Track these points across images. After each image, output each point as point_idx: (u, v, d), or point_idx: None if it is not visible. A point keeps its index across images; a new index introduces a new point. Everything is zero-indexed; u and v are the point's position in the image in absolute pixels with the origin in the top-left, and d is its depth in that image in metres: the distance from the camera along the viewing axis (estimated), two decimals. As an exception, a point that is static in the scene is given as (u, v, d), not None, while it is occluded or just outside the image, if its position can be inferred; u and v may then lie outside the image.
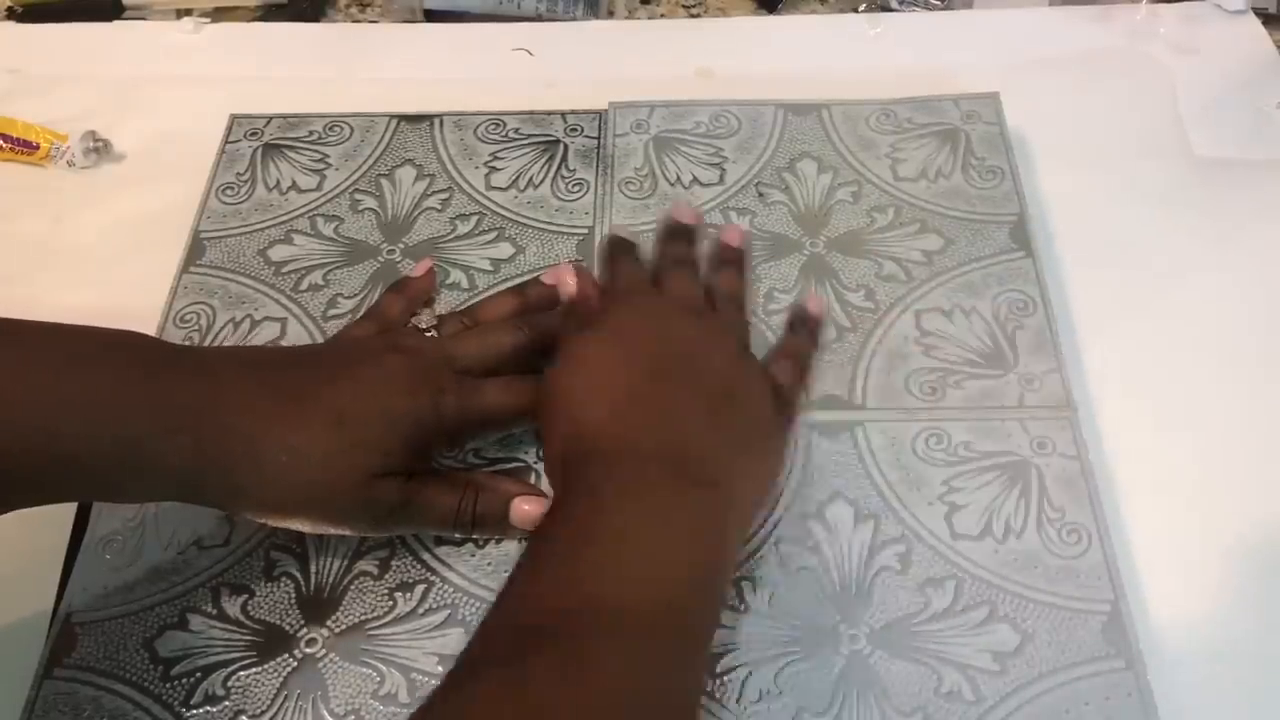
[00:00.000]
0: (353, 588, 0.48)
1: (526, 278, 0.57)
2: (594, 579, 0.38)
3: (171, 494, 0.44)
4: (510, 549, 0.49)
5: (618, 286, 0.52)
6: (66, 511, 0.51)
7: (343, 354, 0.49)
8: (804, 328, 0.53)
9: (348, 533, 0.47)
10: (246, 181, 0.63)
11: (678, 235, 0.54)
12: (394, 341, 0.50)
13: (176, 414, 0.42)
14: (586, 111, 0.65)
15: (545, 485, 0.50)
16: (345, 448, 0.44)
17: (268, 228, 0.60)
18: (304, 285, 0.58)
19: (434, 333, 0.51)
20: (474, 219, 0.61)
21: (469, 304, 0.56)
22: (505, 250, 0.59)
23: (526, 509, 0.47)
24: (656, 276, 0.52)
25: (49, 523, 0.51)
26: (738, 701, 0.44)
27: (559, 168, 0.63)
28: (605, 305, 0.49)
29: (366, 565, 0.49)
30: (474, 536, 0.49)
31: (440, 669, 0.46)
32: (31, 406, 0.40)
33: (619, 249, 0.54)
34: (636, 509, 0.40)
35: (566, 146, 0.63)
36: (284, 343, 0.56)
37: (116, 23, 0.76)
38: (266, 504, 0.44)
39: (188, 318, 0.57)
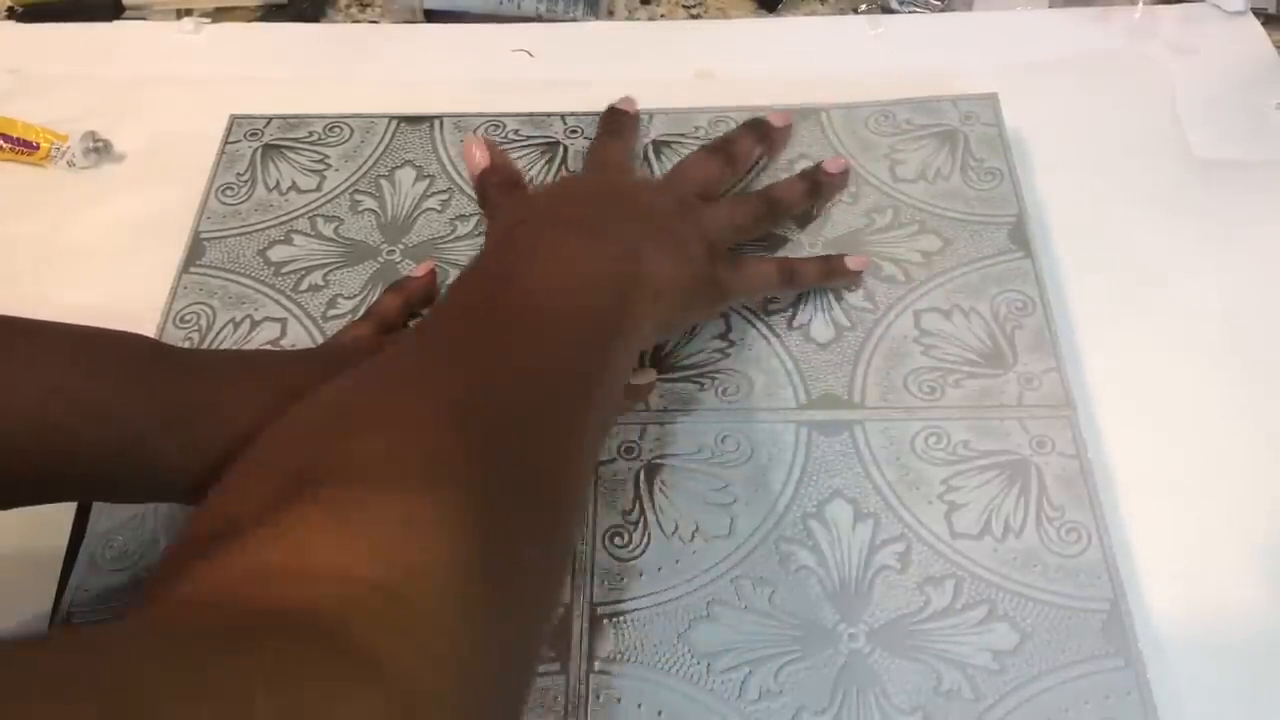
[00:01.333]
0: (352, 587, 0.48)
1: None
2: (510, 277, 0.44)
3: (170, 494, 0.44)
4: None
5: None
6: (66, 512, 0.51)
7: (340, 355, 0.49)
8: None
9: None
10: (246, 182, 0.63)
11: (750, 128, 0.60)
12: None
13: (177, 412, 0.42)
14: (586, 113, 0.65)
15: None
16: None
17: (267, 228, 0.61)
18: (304, 286, 0.58)
19: None
20: (474, 220, 0.61)
21: None
22: (505, 250, 0.59)
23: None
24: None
25: (49, 523, 0.51)
26: (737, 700, 0.45)
27: (558, 169, 0.63)
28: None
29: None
30: None
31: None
32: (36, 403, 0.40)
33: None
34: (549, 244, 0.46)
35: (566, 148, 0.63)
36: (284, 343, 0.56)
37: (116, 23, 0.75)
38: None
39: (188, 318, 0.57)
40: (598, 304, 0.44)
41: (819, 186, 0.59)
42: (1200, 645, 0.46)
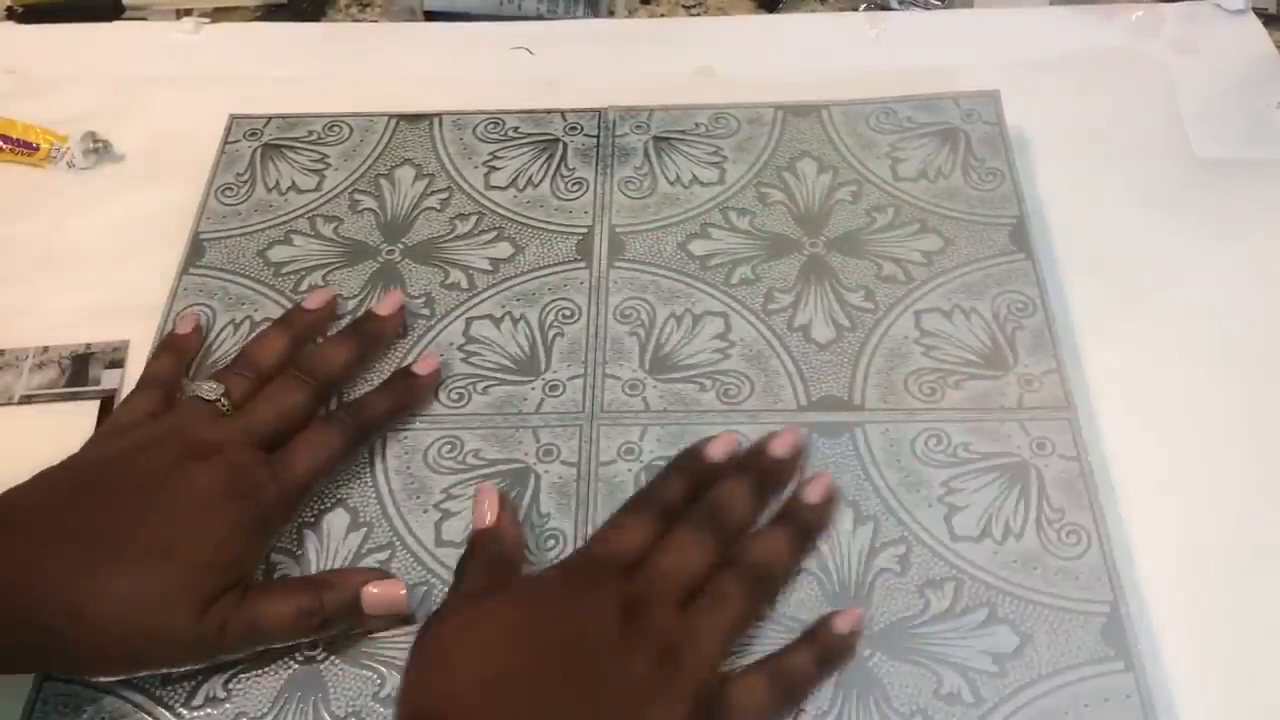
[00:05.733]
0: (352, 589, 0.48)
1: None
2: None
3: (13, 667, 0.43)
4: (510, 550, 0.49)
5: (591, 544, 0.46)
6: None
7: (144, 475, 0.46)
8: (815, 645, 0.45)
9: (190, 664, 0.44)
10: (246, 182, 0.63)
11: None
12: (193, 441, 0.47)
13: None
14: (586, 110, 0.65)
15: (546, 486, 0.50)
16: (175, 580, 0.43)
17: (267, 228, 0.60)
18: (304, 286, 0.58)
19: (224, 401, 0.49)
20: (473, 218, 0.61)
21: (239, 350, 0.54)
22: (505, 250, 0.59)
23: (376, 593, 0.45)
24: (665, 537, 0.45)
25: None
26: (737, 703, 0.45)
27: (558, 167, 0.62)
28: (548, 572, 0.45)
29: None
30: (327, 635, 0.46)
31: (439, 670, 0.46)
32: None
33: (655, 490, 0.48)
34: None
35: (566, 145, 0.63)
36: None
37: (116, 23, 0.75)
38: (108, 659, 0.43)
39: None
40: None
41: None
42: (1200, 648, 0.46)
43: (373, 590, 0.45)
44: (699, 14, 0.76)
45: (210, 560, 0.44)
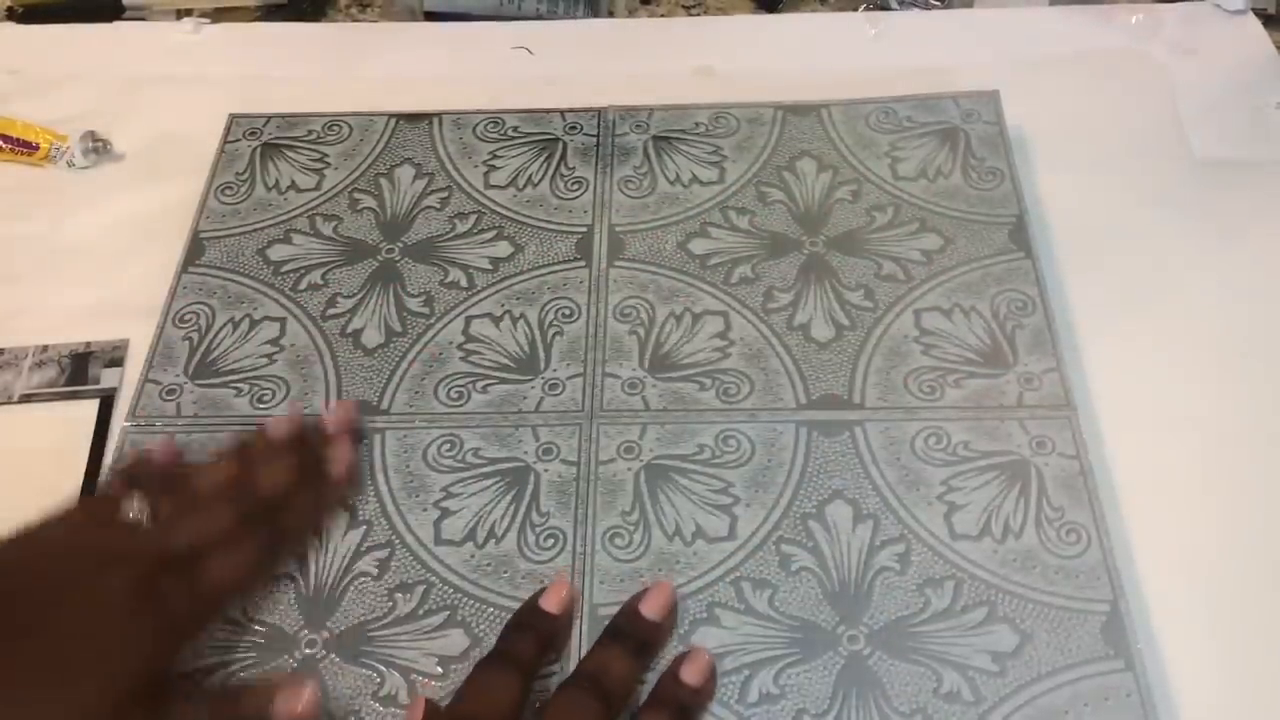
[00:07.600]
0: (352, 588, 0.48)
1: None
2: None
3: None
4: (509, 548, 0.49)
5: (461, 702, 0.43)
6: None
7: (43, 590, 0.41)
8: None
9: None
10: (246, 181, 0.63)
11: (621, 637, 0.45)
12: (99, 551, 0.42)
13: None
14: (585, 110, 0.65)
15: (546, 485, 0.50)
16: (76, 697, 0.38)
17: (267, 227, 0.61)
18: (303, 285, 0.58)
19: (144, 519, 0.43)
20: (473, 218, 0.61)
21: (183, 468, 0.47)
22: (504, 249, 0.59)
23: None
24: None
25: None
26: (737, 703, 0.44)
27: (558, 166, 0.63)
28: None
29: (366, 566, 0.49)
30: None
31: (440, 670, 0.46)
32: None
33: (508, 646, 0.44)
34: None
35: (565, 144, 0.63)
36: (283, 342, 0.56)
37: (116, 23, 0.76)
38: None
39: (187, 318, 0.57)
40: None
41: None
42: (1200, 647, 0.46)
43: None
44: (699, 14, 0.76)
45: (114, 670, 0.39)
